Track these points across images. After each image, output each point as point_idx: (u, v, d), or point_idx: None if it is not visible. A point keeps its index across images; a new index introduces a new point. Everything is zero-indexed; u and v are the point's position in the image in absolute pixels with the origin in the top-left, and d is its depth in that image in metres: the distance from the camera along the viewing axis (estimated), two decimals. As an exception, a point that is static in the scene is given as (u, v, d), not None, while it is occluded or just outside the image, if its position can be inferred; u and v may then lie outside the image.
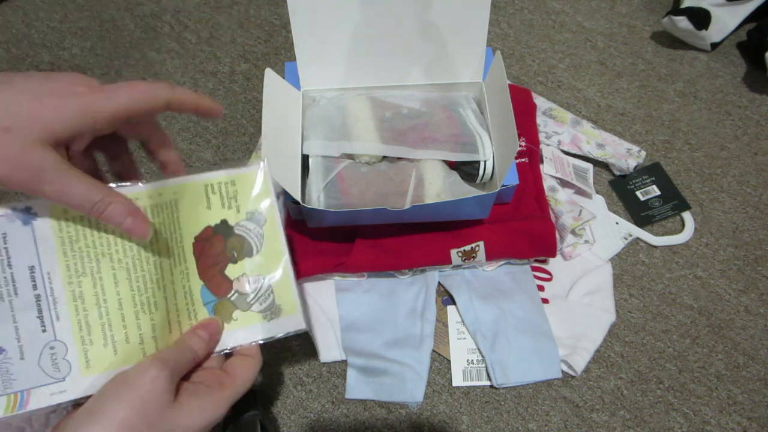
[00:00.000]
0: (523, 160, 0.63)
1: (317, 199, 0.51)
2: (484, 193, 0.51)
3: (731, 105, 0.73)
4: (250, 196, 0.40)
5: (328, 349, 0.57)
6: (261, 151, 0.66)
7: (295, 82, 0.57)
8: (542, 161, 0.65)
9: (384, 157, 0.54)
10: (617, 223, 0.64)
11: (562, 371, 0.56)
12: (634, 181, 0.67)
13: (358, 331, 0.58)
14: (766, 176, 0.68)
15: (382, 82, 0.57)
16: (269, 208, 0.40)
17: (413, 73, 0.57)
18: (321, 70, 0.56)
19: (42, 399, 0.33)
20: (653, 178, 0.67)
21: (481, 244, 0.57)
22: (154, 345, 0.36)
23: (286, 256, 0.40)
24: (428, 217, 0.54)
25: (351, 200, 0.51)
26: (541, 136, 0.67)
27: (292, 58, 0.67)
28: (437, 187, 0.52)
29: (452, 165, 0.55)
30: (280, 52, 0.80)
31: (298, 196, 0.49)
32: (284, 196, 0.62)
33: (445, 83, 0.58)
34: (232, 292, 0.39)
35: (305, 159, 0.54)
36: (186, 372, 0.35)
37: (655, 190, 0.66)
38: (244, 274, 0.39)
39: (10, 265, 0.33)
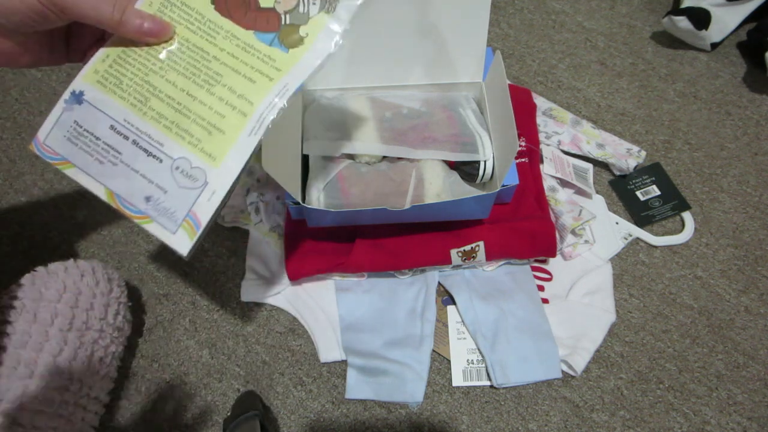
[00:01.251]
0: (523, 160, 0.63)
1: (317, 199, 0.51)
2: (484, 193, 0.51)
3: (731, 105, 0.73)
4: None
5: (328, 349, 0.57)
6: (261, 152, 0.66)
7: (295, 82, 0.57)
8: (542, 161, 0.65)
9: (384, 157, 0.54)
10: (617, 223, 0.64)
11: (562, 371, 0.56)
12: (634, 181, 0.67)
13: (358, 331, 0.58)
14: (766, 176, 0.68)
15: (382, 82, 0.58)
16: None
17: (413, 73, 0.57)
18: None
19: (206, 208, 0.35)
20: (653, 178, 0.67)
21: (481, 244, 0.57)
22: (248, 103, 0.36)
23: None
24: (428, 217, 0.54)
25: (351, 200, 0.51)
26: (541, 136, 0.67)
27: (292, 58, 0.67)
28: (437, 187, 0.52)
29: (452, 165, 0.55)
30: (280, 52, 0.80)
31: (298, 197, 0.49)
32: (284, 196, 0.62)
33: (445, 83, 0.58)
34: (282, 15, 0.37)
35: (305, 159, 0.54)
36: None
37: (655, 190, 0.66)
38: None
39: (97, 138, 0.36)
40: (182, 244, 0.35)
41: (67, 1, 0.32)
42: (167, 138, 0.36)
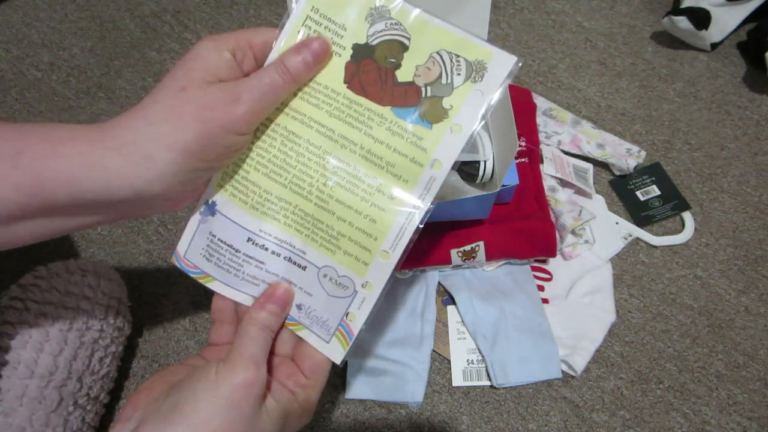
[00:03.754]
0: (523, 160, 0.63)
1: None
2: (484, 193, 0.51)
3: (731, 105, 0.73)
4: (347, 5, 0.34)
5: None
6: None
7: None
8: (542, 161, 0.65)
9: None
10: (617, 223, 0.64)
11: (562, 371, 0.56)
12: (634, 181, 0.67)
13: (358, 331, 0.58)
14: (766, 176, 0.68)
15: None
16: None
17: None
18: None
19: (358, 318, 0.34)
20: (653, 178, 0.67)
21: (481, 244, 0.57)
22: (392, 202, 0.33)
23: (434, 21, 0.33)
24: (428, 217, 0.54)
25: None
26: (541, 136, 0.67)
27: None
28: (437, 187, 0.52)
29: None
30: (280, 52, 0.80)
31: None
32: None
33: (445, 83, 0.58)
34: (422, 88, 0.33)
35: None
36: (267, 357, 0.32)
37: (655, 190, 0.66)
38: (417, 66, 0.33)
39: (236, 250, 0.35)
40: (336, 353, 0.34)
41: (253, 116, 0.31)
42: (309, 246, 0.34)
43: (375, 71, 0.34)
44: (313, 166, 0.33)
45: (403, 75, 0.34)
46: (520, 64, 0.32)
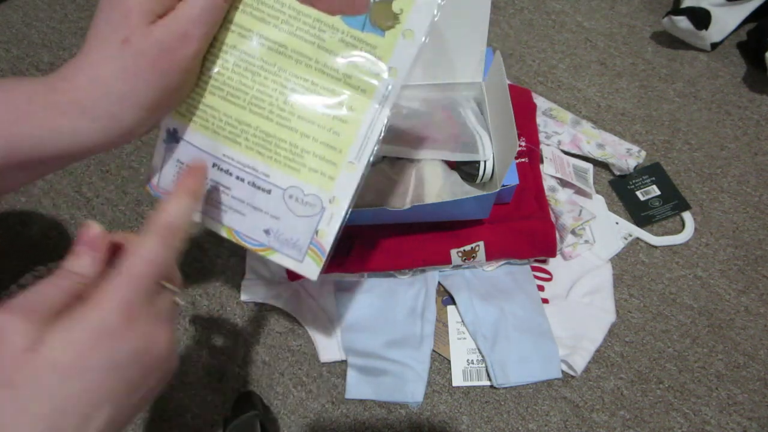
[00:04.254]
0: (523, 160, 0.63)
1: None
2: (484, 193, 0.51)
3: (731, 105, 0.73)
4: None
5: (328, 349, 0.57)
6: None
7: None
8: (542, 161, 0.65)
9: (384, 157, 0.54)
10: (617, 223, 0.64)
11: (562, 371, 0.56)
12: (634, 181, 0.67)
13: (358, 331, 0.58)
14: (766, 176, 0.68)
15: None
16: None
17: (413, 73, 0.57)
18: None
19: (328, 233, 0.33)
20: (653, 178, 0.67)
21: (481, 244, 0.57)
22: (353, 113, 0.32)
23: None
24: (428, 217, 0.54)
25: (351, 200, 0.51)
26: (541, 136, 0.67)
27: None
28: (437, 187, 0.52)
29: (452, 165, 0.55)
30: (280, 52, 0.80)
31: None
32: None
33: (445, 83, 0.58)
34: None
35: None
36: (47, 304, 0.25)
37: (655, 190, 0.66)
38: None
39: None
40: (311, 271, 0.34)
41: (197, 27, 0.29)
42: (272, 168, 0.33)
43: None
44: (271, 85, 0.33)
45: None
46: None
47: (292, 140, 0.33)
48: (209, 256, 0.63)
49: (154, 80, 0.29)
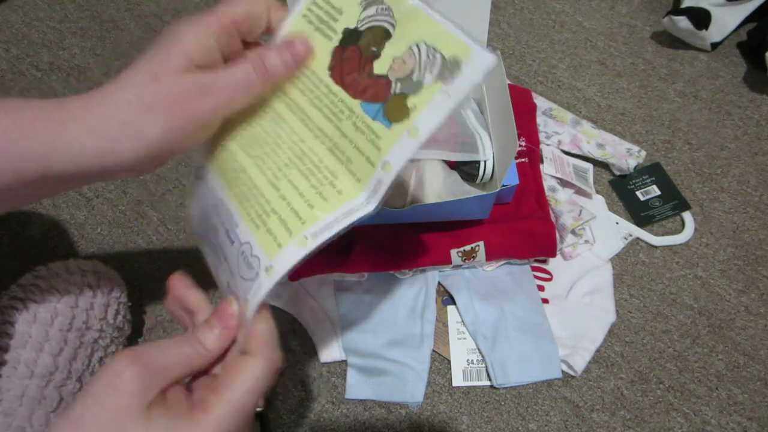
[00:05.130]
0: (523, 160, 0.63)
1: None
2: (484, 193, 0.51)
3: (731, 105, 0.73)
4: None
5: (328, 349, 0.57)
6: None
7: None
8: (542, 161, 0.65)
9: (384, 157, 0.54)
10: (617, 223, 0.64)
11: (562, 371, 0.56)
12: (634, 181, 0.67)
13: (358, 331, 0.58)
14: (766, 176, 0.68)
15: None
16: None
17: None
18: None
19: (251, 303, 0.32)
20: (653, 178, 0.67)
21: (481, 244, 0.57)
22: (338, 196, 0.32)
23: (423, 9, 0.32)
24: (428, 217, 0.54)
25: (351, 200, 0.51)
26: (541, 136, 0.67)
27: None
28: (437, 187, 0.52)
29: (452, 165, 0.55)
30: (280, 52, 0.80)
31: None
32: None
33: (445, 83, 0.58)
34: (393, 83, 0.32)
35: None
36: (180, 377, 0.29)
37: (655, 190, 0.66)
38: (394, 58, 0.32)
39: (207, 216, 0.35)
40: None
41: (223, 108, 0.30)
42: (242, 221, 0.33)
43: (356, 60, 0.33)
44: (286, 151, 0.33)
45: (379, 67, 0.32)
46: (493, 66, 0.29)
47: (270, 198, 0.33)
48: (209, 256, 0.63)
49: (164, 120, 0.29)
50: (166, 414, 0.26)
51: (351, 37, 0.33)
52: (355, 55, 0.33)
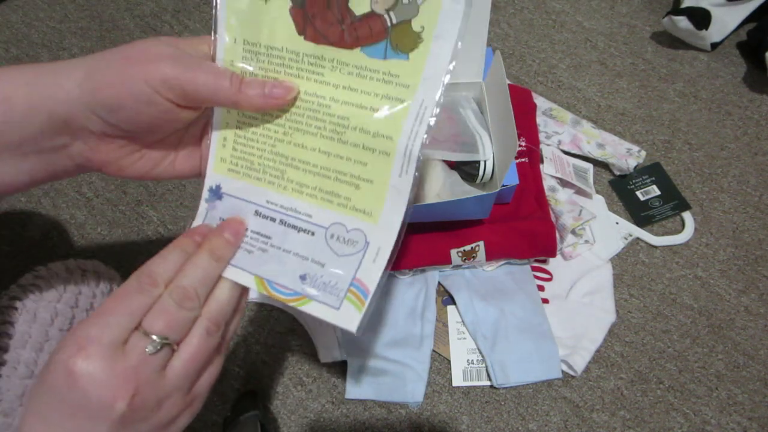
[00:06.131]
0: (523, 160, 0.63)
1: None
2: (484, 193, 0.51)
3: (731, 105, 0.73)
4: None
5: (328, 349, 0.57)
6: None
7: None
8: (542, 161, 0.65)
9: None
10: (617, 223, 0.64)
11: (562, 371, 0.56)
12: (634, 181, 0.67)
13: (358, 331, 0.58)
14: (766, 176, 0.68)
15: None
16: None
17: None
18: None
19: (372, 272, 0.31)
20: (653, 178, 0.67)
21: (481, 244, 0.57)
22: (386, 139, 0.30)
23: None
24: (428, 217, 0.54)
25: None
26: (541, 136, 0.67)
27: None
28: (437, 187, 0.52)
29: (452, 165, 0.55)
30: (280, 52, 0.80)
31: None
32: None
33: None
34: (385, 16, 0.30)
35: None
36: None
37: (655, 190, 0.66)
38: None
39: (244, 229, 0.33)
40: (350, 319, 0.30)
41: (184, 83, 0.29)
42: (314, 207, 0.32)
43: (324, 9, 0.30)
44: (300, 127, 0.32)
45: (358, 6, 0.30)
46: None
47: (333, 167, 0.31)
48: (209, 256, 0.63)
49: (117, 67, 0.30)
50: None
51: None
52: (321, 6, 0.30)
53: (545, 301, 0.59)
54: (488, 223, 0.57)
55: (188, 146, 0.35)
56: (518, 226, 0.57)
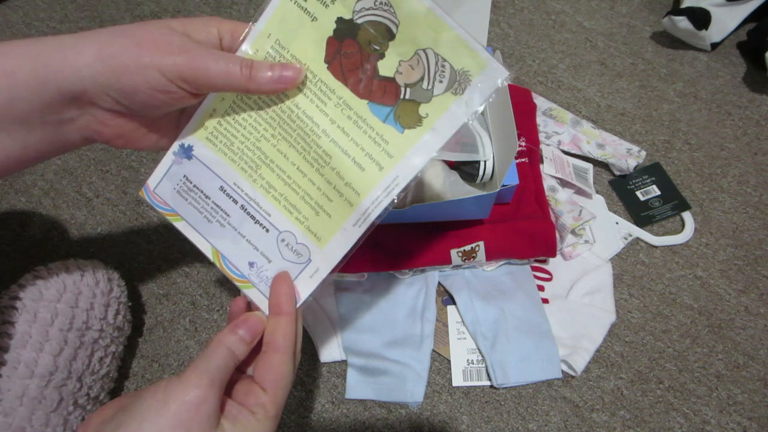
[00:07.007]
0: (523, 160, 0.63)
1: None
2: (484, 193, 0.51)
3: (731, 105, 0.73)
4: None
5: (328, 349, 0.57)
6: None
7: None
8: (542, 161, 0.65)
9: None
10: (617, 223, 0.64)
11: (562, 371, 0.56)
12: (634, 181, 0.67)
13: (358, 331, 0.58)
14: (766, 176, 0.68)
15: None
16: None
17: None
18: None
19: (307, 285, 0.35)
20: (653, 178, 0.67)
21: (481, 244, 0.57)
22: (354, 193, 0.33)
23: (427, 3, 0.31)
24: (428, 217, 0.54)
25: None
26: (541, 136, 0.67)
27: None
28: (437, 187, 0.52)
29: (452, 165, 0.55)
30: (280, 52, 0.80)
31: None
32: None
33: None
34: (402, 88, 0.32)
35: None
36: (226, 381, 0.31)
37: (655, 190, 0.66)
38: (401, 62, 0.32)
39: (207, 196, 0.36)
40: None
41: (198, 72, 0.30)
42: (275, 209, 0.35)
43: (357, 56, 0.32)
44: (288, 138, 0.34)
45: (385, 69, 0.32)
46: (507, 83, 0.31)
47: (304, 187, 0.34)
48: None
49: (129, 48, 0.30)
50: (235, 424, 0.30)
51: (347, 28, 0.32)
52: (356, 50, 0.32)
53: (545, 301, 0.59)
54: (488, 223, 0.58)
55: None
56: (518, 226, 0.57)
